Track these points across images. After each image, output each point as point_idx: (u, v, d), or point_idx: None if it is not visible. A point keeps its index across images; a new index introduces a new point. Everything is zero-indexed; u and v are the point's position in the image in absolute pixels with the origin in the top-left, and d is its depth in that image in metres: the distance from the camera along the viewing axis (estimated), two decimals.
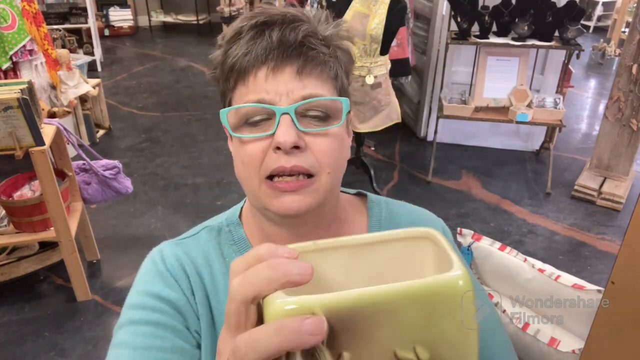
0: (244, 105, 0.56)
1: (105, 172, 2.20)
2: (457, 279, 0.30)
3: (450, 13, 3.08)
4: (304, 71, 0.55)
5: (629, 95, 2.79)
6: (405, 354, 0.31)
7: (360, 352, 0.30)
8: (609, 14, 6.93)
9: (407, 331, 0.30)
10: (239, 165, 0.58)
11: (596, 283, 1.45)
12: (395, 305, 0.29)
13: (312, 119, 0.56)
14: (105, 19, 6.42)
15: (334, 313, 0.28)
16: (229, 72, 0.58)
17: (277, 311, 0.29)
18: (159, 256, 0.63)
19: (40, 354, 1.92)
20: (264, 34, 0.55)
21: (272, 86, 0.55)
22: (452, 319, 0.31)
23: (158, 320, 0.56)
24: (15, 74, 2.55)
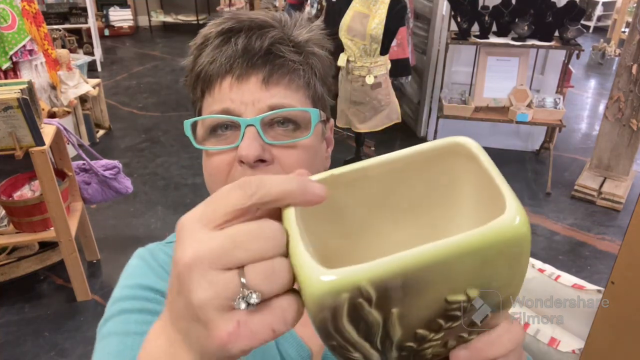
0: (208, 117, 0.54)
1: (105, 172, 2.20)
2: (519, 224, 0.28)
3: (450, 13, 3.08)
4: (271, 80, 0.53)
5: (629, 95, 2.79)
6: (456, 297, 0.30)
7: (410, 306, 0.29)
8: (609, 14, 6.93)
9: (460, 280, 0.29)
10: (207, 177, 0.56)
11: (596, 283, 1.45)
12: (449, 264, 0.28)
13: (280, 129, 0.53)
14: (105, 19, 6.42)
15: (384, 281, 0.27)
16: (195, 81, 0.56)
17: (315, 283, 0.27)
18: (147, 254, 0.61)
19: (40, 354, 1.92)
20: (229, 42, 0.53)
21: (237, 95, 0.53)
22: (507, 258, 0.29)
23: (153, 308, 0.54)
24: (15, 74, 2.55)
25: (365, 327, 0.29)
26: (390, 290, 0.27)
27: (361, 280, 0.27)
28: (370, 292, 0.27)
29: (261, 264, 0.28)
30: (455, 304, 0.30)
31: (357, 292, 0.27)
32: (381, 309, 0.28)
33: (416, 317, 0.30)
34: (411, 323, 0.30)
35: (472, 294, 0.30)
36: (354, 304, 0.27)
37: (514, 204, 0.29)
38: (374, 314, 0.28)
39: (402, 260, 0.27)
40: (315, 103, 0.58)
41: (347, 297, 0.27)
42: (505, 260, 0.29)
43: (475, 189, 0.35)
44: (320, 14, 3.37)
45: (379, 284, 0.27)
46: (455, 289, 0.29)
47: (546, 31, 2.92)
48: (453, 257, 0.27)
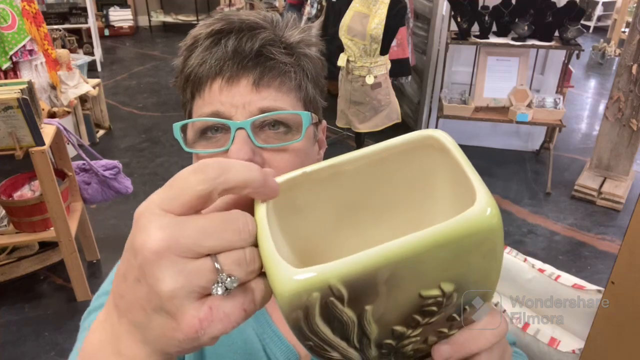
0: (197, 120, 0.53)
1: (105, 172, 2.20)
2: (489, 216, 0.28)
3: (450, 13, 3.08)
4: (261, 82, 0.52)
5: (629, 95, 2.79)
6: (430, 292, 0.29)
7: (383, 303, 0.29)
8: (609, 14, 6.93)
9: (433, 273, 0.29)
10: None
11: (596, 283, 1.45)
12: (420, 257, 0.27)
13: (272, 132, 0.53)
14: (105, 19, 6.42)
15: (354, 278, 0.27)
16: (185, 83, 0.55)
17: (285, 283, 0.27)
18: None
19: (40, 354, 1.92)
20: (219, 43, 0.52)
21: (227, 98, 0.52)
22: (480, 251, 0.29)
23: None
24: (15, 74, 2.55)
25: (339, 326, 0.29)
26: (362, 287, 0.27)
27: (331, 279, 0.26)
28: (342, 290, 0.27)
29: (234, 252, 0.28)
30: (430, 299, 0.29)
31: (328, 290, 0.27)
32: (354, 306, 0.28)
33: (391, 313, 0.30)
34: (387, 320, 0.30)
35: (447, 289, 0.29)
36: (325, 303, 0.27)
37: (484, 196, 0.29)
38: (347, 313, 0.28)
39: (371, 257, 0.26)
40: (307, 105, 0.57)
41: (317, 296, 0.27)
42: (478, 253, 0.29)
43: (450, 182, 0.35)
44: (320, 14, 3.37)
45: (350, 282, 0.27)
46: (429, 283, 0.29)
47: (546, 31, 2.92)
48: (423, 251, 0.27)
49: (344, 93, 2.79)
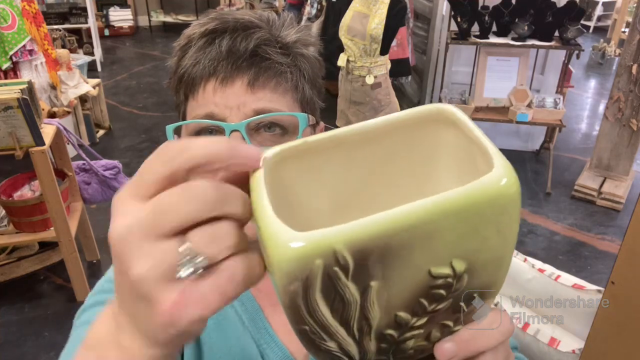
0: (191, 122, 0.52)
1: (105, 172, 2.20)
2: (509, 184, 0.26)
3: (450, 13, 3.08)
4: (256, 83, 0.50)
5: (629, 95, 2.79)
6: (440, 270, 0.27)
7: (390, 279, 0.26)
8: (609, 14, 6.93)
9: (445, 247, 0.26)
10: None
11: (596, 283, 1.45)
12: (433, 224, 0.25)
13: (267, 135, 0.52)
14: (105, 19, 6.42)
15: (363, 244, 0.24)
16: (178, 84, 0.54)
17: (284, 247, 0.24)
18: None
19: (40, 354, 1.92)
20: (213, 43, 0.51)
21: (222, 99, 0.50)
22: (496, 224, 0.27)
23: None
24: (15, 74, 2.55)
25: (340, 305, 0.26)
26: (369, 257, 0.25)
27: (336, 243, 0.24)
28: (347, 259, 0.24)
29: (203, 227, 0.25)
30: (439, 279, 0.27)
31: (332, 258, 0.24)
32: (359, 280, 0.25)
33: (397, 294, 0.27)
34: (391, 302, 0.27)
35: (459, 267, 0.27)
36: (328, 274, 0.24)
37: (502, 163, 0.27)
38: (351, 288, 0.26)
39: (382, 220, 0.24)
40: (304, 107, 0.56)
41: (320, 264, 0.24)
42: (494, 226, 0.27)
43: (458, 159, 0.32)
44: (320, 14, 3.37)
45: (357, 249, 0.24)
46: (440, 258, 0.26)
47: (546, 31, 2.92)
48: (440, 215, 0.25)
49: (344, 93, 2.79)
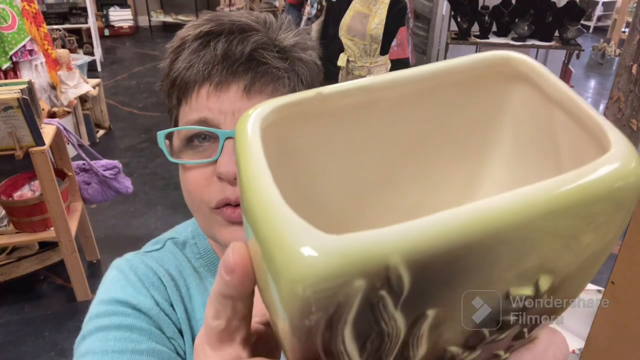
0: (183, 128, 0.50)
1: (105, 172, 2.20)
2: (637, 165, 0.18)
3: (450, 13, 3.09)
4: (253, 89, 0.48)
5: (629, 95, 2.80)
6: (522, 290, 0.19)
7: (452, 306, 0.18)
8: (609, 14, 6.93)
9: (535, 260, 0.18)
10: (185, 194, 0.53)
11: (596, 283, 1.45)
12: (528, 229, 0.16)
13: None
14: (105, 19, 6.42)
15: (429, 257, 0.15)
16: (171, 87, 0.52)
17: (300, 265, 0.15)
18: (126, 265, 0.57)
19: (40, 354, 1.92)
20: (208, 46, 0.49)
21: (216, 105, 0.48)
22: (605, 224, 0.18)
23: (131, 324, 0.50)
24: (15, 74, 2.55)
25: (376, 342, 0.17)
26: (433, 275, 0.16)
27: (392, 255, 0.15)
28: (404, 278, 0.15)
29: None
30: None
31: (383, 277, 0.15)
32: (411, 309, 0.17)
33: (455, 325, 0.19)
34: (444, 336, 0.19)
35: (544, 285, 0.19)
36: (370, 301, 0.16)
37: (620, 140, 0.19)
38: (398, 320, 0.17)
39: (459, 222, 0.15)
40: None
41: (362, 286, 0.15)
42: (606, 226, 0.18)
43: (529, 131, 0.23)
44: (320, 14, 3.37)
45: (420, 263, 0.15)
46: (525, 275, 0.18)
47: (546, 31, 2.93)
48: (535, 217, 0.16)
49: None
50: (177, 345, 0.53)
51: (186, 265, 0.58)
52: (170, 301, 0.54)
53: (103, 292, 0.55)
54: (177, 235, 0.62)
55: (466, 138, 0.25)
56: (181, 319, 0.54)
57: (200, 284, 0.57)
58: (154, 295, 0.54)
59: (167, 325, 0.53)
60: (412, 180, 0.25)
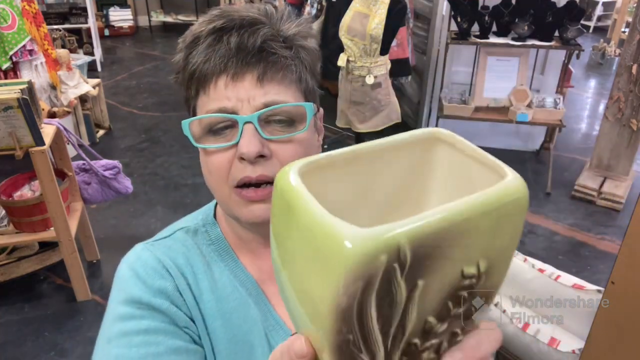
0: (206, 116, 0.55)
1: (105, 172, 2.20)
2: (524, 184, 0.29)
3: (450, 13, 3.08)
4: (265, 77, 0.54)
5: (629, 95, 2.79)
6: (470, 269, 0.28)
7: (432, 277, 0.27)
8: (609, 14, 6.93)
9: (478, 245, 0.28)
10: (207, 175, 0.58)
11: (596, 283, 1.45)
12: (475, 221, 0.27)
13: (277, 125, 0.55)
14: (105, 19, 6.42)
15: (423, 239, 0.25)
16: (189, 80, 0.57)
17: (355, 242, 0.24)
18: (136, 260, 0.61)
19: (40, 354, 1.92)
20: (222, 40, 0.54)
21: (233, 94, 0.53)
22: (514, 224, 0.30)
23: (148, 326, 0.55)
24: (15, 74, 2.55)
25: (388, 308, 0.27)
26: (424, 253, 0.25)
27: (401, 238, 0.24)
28: (407, 254, 0.25)
29: None
30: (467, 279, 0.29)
31: (396, 253, 0.24)
32: (410, 278, 0.26)
33: (433, 296, 0.28)
34: (426, 306, 0.29)
35: (483, 266, 0.29)
36: (388, 271, 0.24)
37: (512, 171, 0.30)
38: (402, 287, 0.26)
39: (440, 215, 0.25)
40: (307, 96, 0.59)
41: (384, 260, 0.24)
42: (512, 225, 0.30)
43: (453, 174, 0.35)
44: (320, 14, 3.37)
45: (418, 243, 0.25)
46: (472, 256, 0.28)
47: (546, 31, 2.92)
48: (479, 213, 0.27)
49: (344, 93, 2.79)
50: (192, 332, 0.58)
51: (195, 252, 0.62)
52: (179, 290, 0.59)
53: (118, 291, 0.59)
54: (187, 224, 0.66)
55: (410, 187, 0.37)
56: (191, 306, 0.59)
57: (208, 269, 0.61)
58: (163, 287, 0.58)
59: (179, 317, 0.57)
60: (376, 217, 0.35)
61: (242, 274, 0.62)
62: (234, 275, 0.62)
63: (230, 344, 0.58)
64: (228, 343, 0.58)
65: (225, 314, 0.59)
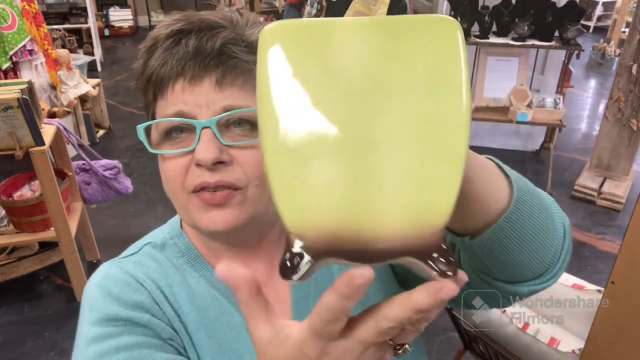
0: (162, 120, 0.53)
1: (105, 172, 2.20)
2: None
3: (450, 13, 3.08)
4: (224, 81, 0.51)
5: (629, 95, 2.79)
6: None
7: None
8: (609, 14, 6.93)
9: None
10: (164, 182, 0.56)
11: (596, 283, 1.45)
12: None
13: (237, 130, 0.53)
14: (105, 19, 6.42)
15: None
16: (146, 85, 0.55)
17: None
18: (105, 278, 0.58)
19: (40, 354, 1.92)
20: (180, 43, 0.52)
21: (191, 98, 0.51)
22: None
23: (128, 342, 0.52)
24: (15, 74, 2.55)
25: None
26: None
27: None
28: None
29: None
30: None
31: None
32: None
33: None
34: None
35: None
36: None
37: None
38: None
39: None
40: None
41: None
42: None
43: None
44: (320, 14, 3.37)
45: None
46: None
47: (546, 31, 2.92)
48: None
49: None
50: (176, 344, 0.55)
51: (167, 265, 0.60)
52: (156, 302, 0.56)
53: (89, 313, 0.56)
54: (153, 239, 0.63)
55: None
56: (171, 318, 0.56)
57: (183, 280, 0.59)
58: (140, 301, 0.55)
59: (162, 329, 0.55)
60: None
61: (219, 281, 0.60)
62: (210, 284, 0.59)
63: (217, 353, 0.56)
64: (215, 353, 0.56)
65: (208, 324, 0.57)
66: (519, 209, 0.44)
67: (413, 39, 0.31)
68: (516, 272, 0.48)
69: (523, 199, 0.44)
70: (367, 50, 0.31)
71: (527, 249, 0.45)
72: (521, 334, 1.42)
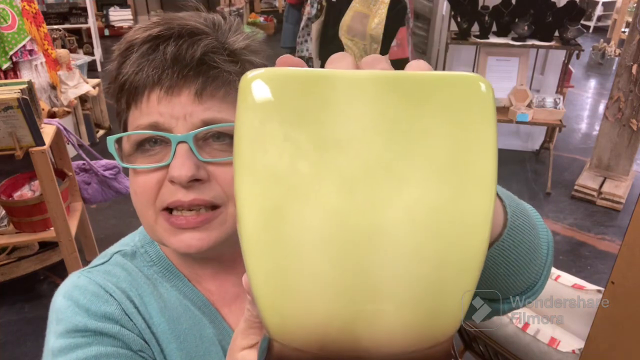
0: (134, 133, 0.49)
1: (105, 172, 2.20)
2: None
3: (450, 13, 3.08)
4: (204, 93, 0.47)
5: (629, 95, 2.79)
6: None
7: None
8: (609, 14, 6.94)
9: None
10: (133, 196, 0.51)
11: (596, 283, 1.45)
12: None
13: (216, 145, 0.48)
14: (105, 19, 6.42)
15: None
16: (119, 92, 0.51)
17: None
18: (74, 289, 0.55)
19: (40, 354, 1.91)
20: (157, 50, 0.48)
21: (167, 109, 0.47)
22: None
23: (98, 352, 0.49)
24: (15, 74, 2.55)
25: None
26: None
27: None
28: None
29: None
30: None
31: None
32: None
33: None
34: None
35: None
36: None
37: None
38: None
39: None
40: None
41: None
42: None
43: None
44: (320, 14, 3.37)
45: None
46: None
47: (546, 31, 2.93)
48: None
49: None
50: (147, 356, 0.53)
51: (137, 275, 0.57)
52: (126, 313, 0.53)
53: (57, 324, 0.53)
54: (123, 247, 0.61)
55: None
56: (142, 329, 0.53)
57: (154, 290, 0.56)
58: (109, 312, 0.52)
59: (132, 340, 0.52)
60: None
61: (192, 292, 0.57)
62: (183, 294, 0.56)
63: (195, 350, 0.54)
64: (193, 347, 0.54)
65: (179, 336, 0.54)
66: (510, 236, 0.41)
67: (433, 105, 0.25)
68: (500, 292, 0.46)
69: (515, 224, 0.42)
70: (374, 119, 0.25)
71: (514, 272, 0.43)
72: (521, 334, 1.42)
